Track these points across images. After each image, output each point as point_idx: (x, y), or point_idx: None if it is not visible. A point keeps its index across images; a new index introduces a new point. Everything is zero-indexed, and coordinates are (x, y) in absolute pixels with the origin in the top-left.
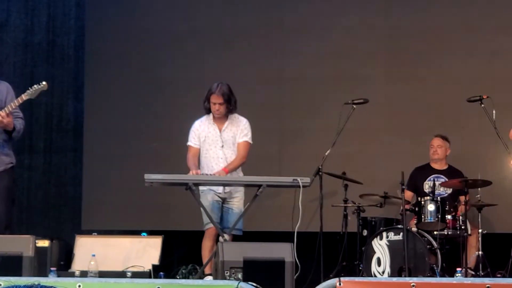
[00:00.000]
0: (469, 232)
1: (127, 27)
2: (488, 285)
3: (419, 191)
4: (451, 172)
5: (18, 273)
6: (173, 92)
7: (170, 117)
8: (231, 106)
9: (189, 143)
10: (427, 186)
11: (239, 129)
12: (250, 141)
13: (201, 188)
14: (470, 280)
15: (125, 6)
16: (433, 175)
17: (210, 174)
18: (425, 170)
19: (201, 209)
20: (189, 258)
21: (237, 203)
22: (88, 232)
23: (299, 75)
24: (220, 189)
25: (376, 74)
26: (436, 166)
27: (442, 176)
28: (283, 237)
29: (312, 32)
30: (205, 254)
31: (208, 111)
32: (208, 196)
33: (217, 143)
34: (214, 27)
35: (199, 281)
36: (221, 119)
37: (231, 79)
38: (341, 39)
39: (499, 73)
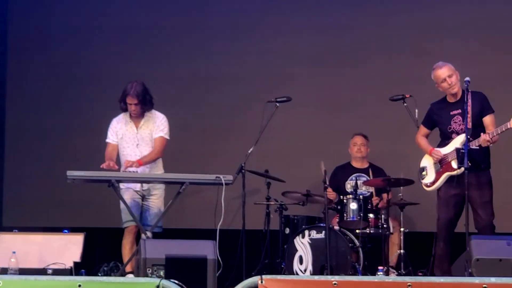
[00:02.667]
0: (391, 230)
1: (50, 23)
2: (409, 284)
3: (340, 191)
4: (373, 170)
5: None
6: (96, 89)
7: (92, 114)
8: (146, 106)
9: (107, 140)
10: (349, 185)
11: (156, 125)
12: (167, 136)
13: (120, 185)
14: (391, 279)
15: (48, 2)
16: (355, 174)
17: (124, 171)
18: (346, 169)
19: (120, 207)
20: (111, 256)
21: (156, 200)
22: (9, 229)
23: (222, 73)
24: (138, 186)
25: (300, 72)
26: (357, 164)
27: (364, 174)
28: (205, 234)
29: (235, 30)
30: (126, 252)
31: (124, 110)
32: (127, 193)
33: (133, 141)
34: (138, 25)
35: (121, 279)
36: (137, 117)
37: (154, 77)
38: (264, 37)
39: (422, 73)
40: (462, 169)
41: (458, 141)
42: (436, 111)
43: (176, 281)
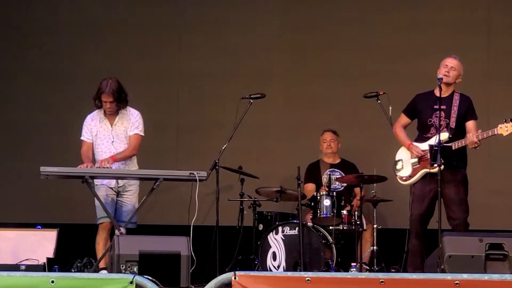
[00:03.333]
0: (364, 227)
1: (23, 19)
2: (382, 280)
3: (319, 184)
4: (344, 166)
5: None
6: (70, 84)
7: (66, 110)
8: (121, 103)
9: (82, 138)
10: (325, 179)
11: (131, 122)
12: (142, 133)
13: (95, 181)
14: (364, 275)
15: None
16: (328, 170)
17: (99, 164)
18: (319, 165)
19: (95, 202)
20: (84, 252)
21: (131, 196)
22: None
23: (196, 69)
24: (112, 183)
25: (274, 69)
26: (329, 160)
27: (337, 170)
28: (179, 230)
29: (210, 27)
30: (99, 248)
31: (99, 107)
32: (102, 190)
33: (108, 138)
34: (112, 20)
35: (94, 275)
36: (112, 114)
37: (128, 73)
38: (239, 34)
39: (396, 70)
40: (439, 168)
41: (435, 140)
42: (420, 101)
43: (150, 277)
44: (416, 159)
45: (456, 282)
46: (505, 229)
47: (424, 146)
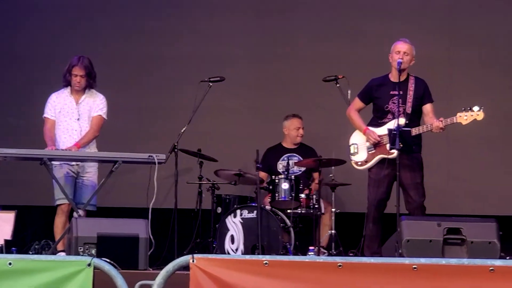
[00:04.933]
0: (323, 211)
1: None
2: (339, 264)
3: (272, 172)
4: (303, 150)
5: None
6: (30, 65)
7: (26, 91)
8: (91, 80)
9: (45, 115)
10: (280, 166)
11: (95, 104)
12: (105, 116)
13: (54, 162)
14: (322, 259)
15: None
16: (286, 154)
17: (63, 149)
18: (278, 150)
19: (53, 184)
20: (42, 234)
21: (91, 178)
22: None
23: (157, 52)
24: (73, 163)
25: (233, 52)
26: (288, 145)
27: (295, 154)
28: (138, 213)
29: (170, 9)
30: (58, 230)
31: (67, 83)
32: (61, 171)
33: (72, 115)
34: (74, 3)
35: (52, 257)
36: (79, 92)
37: (89, 55)
38: (199, 17)
39: (356, 54)
40: (397, 152)
41: (394, 124)
42: (376, 87)
43: (108, 260)
44: (371, 144)
45: (414, 266)
46: (463, 213)
47: (380, 131)
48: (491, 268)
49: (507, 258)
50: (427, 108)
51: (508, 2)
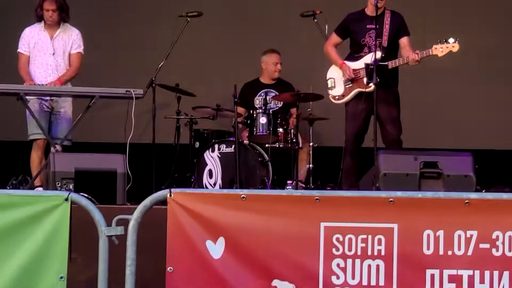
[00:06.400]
0: (300, 145)
1: None
2: (316, 197)
3: (250, 107)
4: (281, 85)
5: None
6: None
7: (1, 26)
8: (63, 13)
9: (19, 50)
10: (257, 101)
11: (71, 40)
12: (82, 52)
13: (28, 97)
14: (299, 192)
15: None
16: (264, 90)
17: (43, 85)
18: (255, 85)
19: (27, 119)
20: (20, 169)
21: (66, 113)
22: None
23: None
24: (47, 98)
25: None
26: (266, 80)
27: (272, 90)
28: (115, 148)
29: None
30: (34, 165)
31: (40, 18)
32: (35, 105)
33: (47, 50)
34: None
35: (29, 192)
36: (52, 26)
37: None
38: None
39: None
40: (374, 86)
41: (370, 58)
42: (353, 21)
43: (86, 194)
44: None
45: (390, 199)
46: (439, 147)
47: (356, 65)
48: (466, 201)
49: (483, 191)
50: (404, 41)
51: None
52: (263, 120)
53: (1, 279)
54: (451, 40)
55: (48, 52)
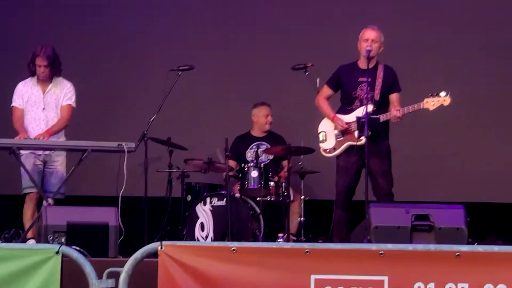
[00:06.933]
0: (292, 198)
1: None
2: (307, 250)
3: (241, 160)
4: (272, 138)
5: None
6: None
7: None
8: (55, 69)
9: (13, 104)
10: (249, 154)
11: (63, 93)
12: (74, 104)
13: (21, 151)
14: (289, 245)
15: None
16: (255, 143)
17: (34, 138)
18: (246, 139)
19: (21, 173)
20: (12, 223)
21: (58, 166)
22: None
23: (127, 38)
24: (39, 152)
25: (202, 40)
26: (257, 133)
27: (264, 143)
28: (107, 201)
29: None
30: (27, 219)
31: (32, 73)
32: (29, 159)
33: (39, 105)
34: None
35: (20, 245)
36: (45, 81)
37: (57, 41)
38: (168, 4)
39: (324, 41)
40: (365, 140)
41: (362, 111)
42: (345, 73)
43: (77, 248)
44: (339, 131)
45: (380, 252)
46: (431, 200)
47: (348, 118)
48: (457, 253)
49: (475, 244)
50: (393, 97)
51: None
52: (254, 173)
53: None
54: (442, 93)
55: (40, 107)
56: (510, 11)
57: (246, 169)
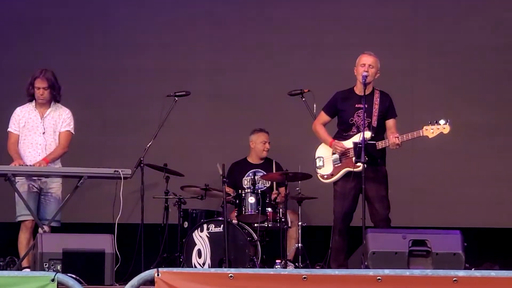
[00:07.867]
0: (289, 224)
1: None
2: (304, 276)
3: (238, 187)
4: (269, 165)
5: None
6: None
7: None
8: (55, 92)
9: (9, 129)
10: (245, 181)
11: (61, 119)
12: (73, 131)
13: (17, 178)
14: (287, 271)
15: None
16: (252, 170)
17: (31, 165)
18: (243, 165)
19: (16, 200)
20: (7, 251)
21: (54, 193)
22: None
23: (122, 65)
24: (35, 179)
25: (198, 66)
26: (253, 160)
27: (260, 170)
28: (104, 228)
29: (135, 22)
30: (22, 246)
31: (31, 97)
32: (24, 186)
33: (37, 129)
34: (35, 16)
35: (15, 273)
36: (43, 106)
37: (55, 69)
38: (163, 30)
39: (320, 67)
40: (362, 166)
41: (359, 137)
42: (341, 100)
43: (73, 275)
44: (337, 156)
45: (378, 278)
46: (428, 225)
47: (346, 144)
48: (454, 278)
49: (472, 269)
50: (390, 123)
51: (470, 14)
52: (251, 199)
53: None
54: (442, 121)
55: (39, 131)
56: (508, 38)
57: (243, 195)
